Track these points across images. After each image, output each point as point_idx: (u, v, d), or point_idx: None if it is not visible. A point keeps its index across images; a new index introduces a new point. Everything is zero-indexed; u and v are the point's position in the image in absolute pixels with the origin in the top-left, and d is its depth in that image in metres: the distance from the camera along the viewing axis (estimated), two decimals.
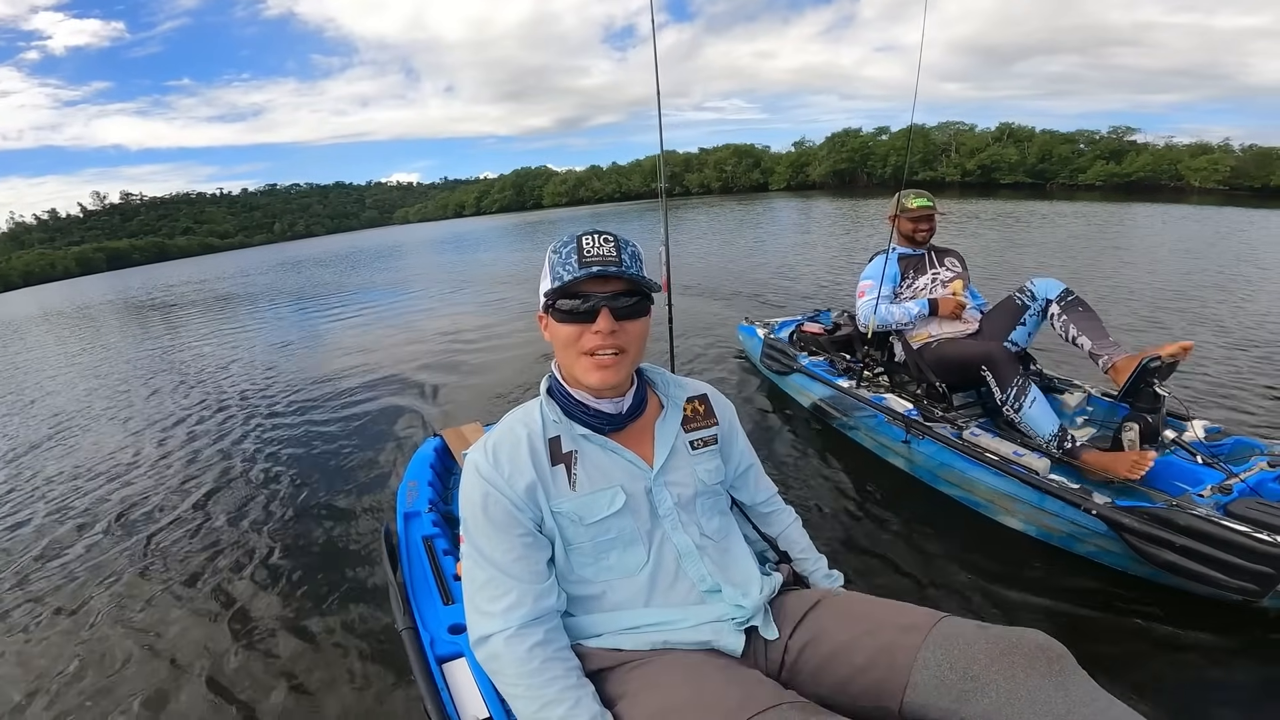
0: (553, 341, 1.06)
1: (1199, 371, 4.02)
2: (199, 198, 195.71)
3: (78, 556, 2.93)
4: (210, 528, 3.08)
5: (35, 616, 2.47)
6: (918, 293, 2.93)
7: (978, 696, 0.84)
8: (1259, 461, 2.13)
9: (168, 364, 7.97)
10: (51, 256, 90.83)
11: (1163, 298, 6.44)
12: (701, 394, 1.22)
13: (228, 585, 2.55)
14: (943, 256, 3.03)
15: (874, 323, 2.89)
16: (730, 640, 1.03)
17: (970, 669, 0.87)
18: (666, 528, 1.08)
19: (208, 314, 13.46)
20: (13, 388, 7.90)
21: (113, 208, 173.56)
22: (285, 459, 3.89)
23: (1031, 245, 11.59)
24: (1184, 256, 9.51)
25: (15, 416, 6.18)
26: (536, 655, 0.95)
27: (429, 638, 1.40)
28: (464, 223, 79.29)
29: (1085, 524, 2.01)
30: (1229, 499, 1.91)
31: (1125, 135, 50.25)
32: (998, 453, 2.29)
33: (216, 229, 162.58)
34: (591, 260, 0.98)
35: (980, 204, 25.16)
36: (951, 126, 59.99)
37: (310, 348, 7.90)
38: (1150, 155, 44.76)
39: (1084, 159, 48.61)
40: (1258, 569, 1.64)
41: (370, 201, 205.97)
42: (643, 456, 1.09)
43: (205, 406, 5.45)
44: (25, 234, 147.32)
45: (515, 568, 0.99)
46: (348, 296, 13.32)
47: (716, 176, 77.70)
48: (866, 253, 3.76)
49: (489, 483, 1.01)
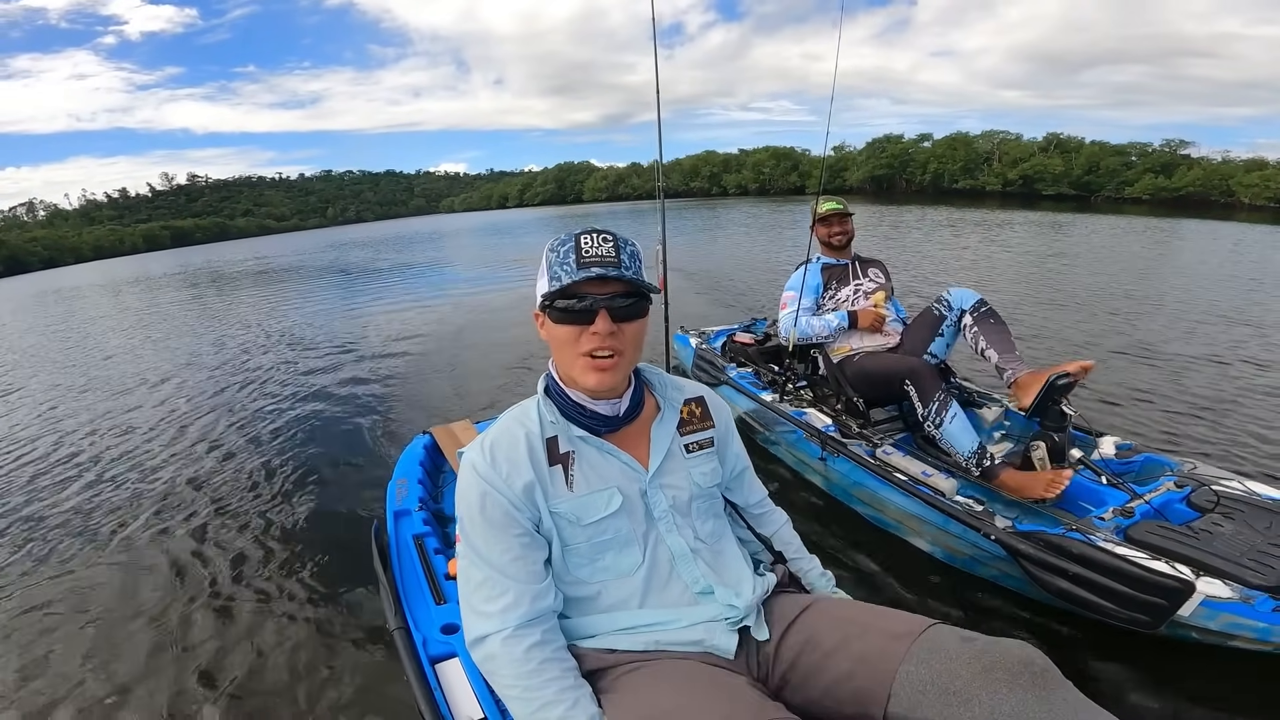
0: (549, 341, 1.04)
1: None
2: (259, 181, 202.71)
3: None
4: (191, 529, 3.00)
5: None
6: (839, 304, 2.88)
7: (959, 711, 0.83)
8: (1166, 481, 2.09)
9: (205, 342, 8.31)
10: (121, 233, 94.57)
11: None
12: (699, 396, 1.21)
13: (212, 584, 2.51)
14: (866, 267, 2.98)
15: (795, 335, 2.85)
16: (723, 640, 1.02)
17: (952, 685, 0.86)
18: (661, 530, 1.07)
19: (267, 288, 13.93)
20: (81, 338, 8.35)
21: (179, 188, 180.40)
22: (275, 447, 3.94)
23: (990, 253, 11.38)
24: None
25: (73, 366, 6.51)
26: (534, 656, 0.94)
27: (421, 638, 1.38)
28: (506, 214, 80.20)
29: (986, 548, 1.99)
30: (1130, 522, 1.88)
31: (1179, 148, 48.04)
32: (907, 472, 2.27)
33: (274, 211, 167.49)
34: (590, 260, 0.97)
35: (1003, 213, 24.49)
36: (996, 135, 58.23)
37: (327, 330, 8.16)
38: (1201, 170, 42.66)
39: (1132, 172, 46.61)
40: (1150, 600, 1.62)
41: (419, 190, 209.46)
42: (638, 459, 1.08)
43: (205, 395, 5.62)
44: (96, 211, 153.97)
45: (512, 568, 0.98)
46: (384, 279, 13.72)
47: (754, 178, 76.88)
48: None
49: (487, 482, 1.00)
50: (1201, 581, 1.59)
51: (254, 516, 3.08)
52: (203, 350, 7.71)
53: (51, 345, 9.81)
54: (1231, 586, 1.58)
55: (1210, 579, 1.60)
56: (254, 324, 9.49)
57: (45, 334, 11.37)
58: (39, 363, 8.26)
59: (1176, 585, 1.57)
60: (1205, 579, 1.60)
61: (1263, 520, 1.84)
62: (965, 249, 12.94)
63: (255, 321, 9.76)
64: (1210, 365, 4.69)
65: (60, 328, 11.98)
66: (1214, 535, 1.77)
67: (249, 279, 18.75)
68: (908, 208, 29.73)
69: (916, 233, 16.94)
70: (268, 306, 11.51)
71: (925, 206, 29.34)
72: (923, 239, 15.36)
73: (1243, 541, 1.74)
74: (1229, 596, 1.56)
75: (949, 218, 22.67)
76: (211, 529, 2.99)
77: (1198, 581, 1.58)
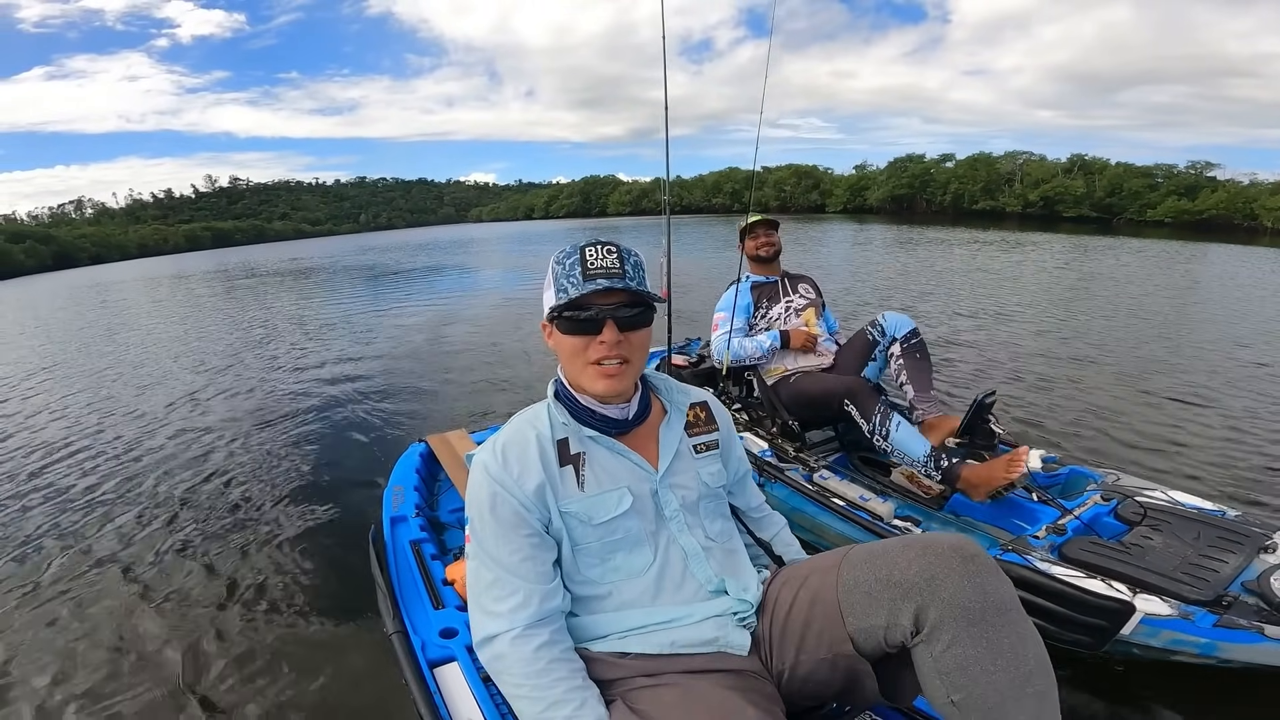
0: (557, 351, 1.05)
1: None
2: (296, 185, 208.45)
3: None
4: (183, 534, 2.94)
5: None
6: (771, 322, 2.78)
7: (908, 602, 0.85)
8: (1092, 495, 2.05)
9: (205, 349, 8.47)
10: (165, 232, 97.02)
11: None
12: (702, 400, 1.21)
13: (207, 591, 2.44)
14: (796, 283, 2.88)
15: (728, 358, 2.74)
16: (736, 637, 1.01)
17: (892, 575, 0.88)
18: (673, 529, 1.06)
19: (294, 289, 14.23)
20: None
21: (221, 190, 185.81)
22: (272, 451, 3.91)
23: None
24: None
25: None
26: (543, 656, 0.93)
27: (420, 642, 1.37)
28: (533, 224, 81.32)
29: None
30: (1063, 540, 1.84)
31: (1205, 170, 47.00)
32: (845, 497, 2.20)
33: (309, 216, 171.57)
34: (595, 272, 0.97)
35: (1021, 234, 24.19)
36: (1019, 155, 57.53)
37: (341, 333, 8.33)
38: (1226, 192, 41.62)
39: (1155, 194, 45.68)
40: (1091, 621, 1.58)
41: (448, 199, 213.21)
42: (648, 459, 1.08)
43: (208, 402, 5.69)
44: (141, 210, 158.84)
45: (522, 568, 0.98)
46: (403, 285, 13.92)
47: (775, 195, 76.77)
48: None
49: (498, 483, 1.00)
50: (1140, 600, 1.54)
51: (248, 522, 3.02)
52: (216, 350, 7.91)
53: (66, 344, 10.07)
54: (1169, 603, 1.53)
55: (1148, 596, 1.55)
56: (270, 324, 9.73)
57: (51, 336, 11.67)
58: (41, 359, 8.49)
59: (1117, 606, 1.53)
60: (1143, 596, 1.55)
61: (1190, 531, 1.81)
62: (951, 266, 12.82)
63: (271, 321, 10.01)
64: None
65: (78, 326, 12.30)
66: (1145, 549, 1.74)
67: (283, 279, 19.18)
68: (930, 228, 29.46)
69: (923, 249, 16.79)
70: (293, 309, 11.79)
71: (947, 229, 28.97)
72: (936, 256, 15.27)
73: (1174, 554, 1.71)
74: (1169, 614, 1.51)
75: (947, 237, 22.37)
76: (204, 535, 2.92)
77: (1136, 600, 1.54)
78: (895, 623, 0.86)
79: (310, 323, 9.57)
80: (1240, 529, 1.82)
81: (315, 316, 10.23)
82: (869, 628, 0.90)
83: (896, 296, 9.16)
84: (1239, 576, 1.65)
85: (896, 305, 8.61)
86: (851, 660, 0.93)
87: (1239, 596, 1.57)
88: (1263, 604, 1.55)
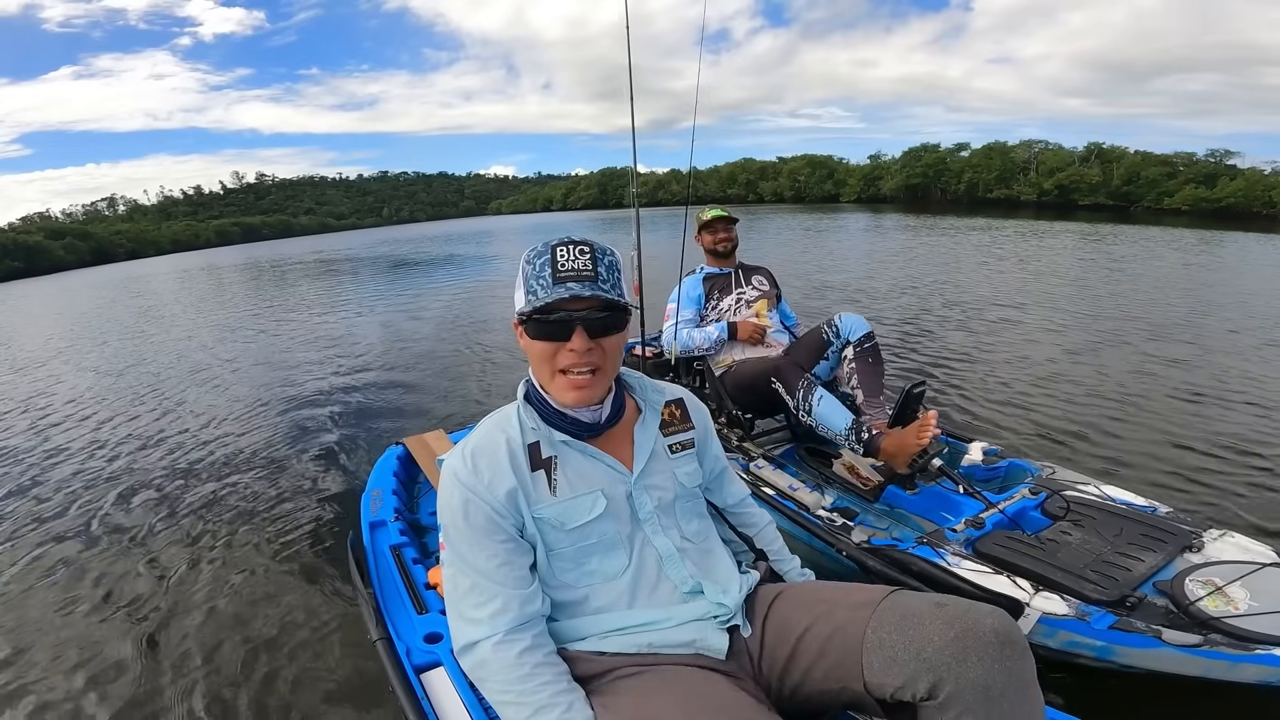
0: (527, 353, 1.00)
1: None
2: (320, 180, 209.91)
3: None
4: (155, 544, 2.85)
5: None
6: (722, 314, 2.77)
7: (933, 678, 0.82)
8: (1022, 488, 1.99)
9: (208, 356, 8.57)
10: (196, 228, 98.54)
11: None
12: (678, 398, 1.17)
13: (175, 604, 2.36)
14: (750, 275, 2.86)
15: (676, 348, 2.72)
16: (714, 640, 0.99)
17: (924, 651, 0.84)
18: (647, 532, 1.04)
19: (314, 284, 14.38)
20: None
21: (248, 186, 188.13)
22: (251, 458, 3.81)
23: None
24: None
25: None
26: (526, 661, 0.91)
27: (404, 647, 1.34)
28: (551, 216, 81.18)
29: (844, 563, 1.88)
30: (980, 533, 1.79)
31: (1224, 158, 45.49)
32: (775, 486, 2.17)
33: (334, 210, 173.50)
34: (566, 275, 0.93)
35: (1034, 223, 23.61)
36: (1035, 144, 56.14)
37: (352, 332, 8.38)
38: (1245, 180, 40.15)
39: (1173, 183, 44.26)
40: None
41: (469, 192, 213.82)
42: (622, 461, 1.05)
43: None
44: (172, 206, 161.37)
45: (499, 574, 0.95)
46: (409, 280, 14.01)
47: (789, 185, 75.89)
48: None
49: (469, 489, 0.97)
50: (1039, 598, 1.49)
51: (223, 528, 2.94)
52: (223, 346, 8.09)
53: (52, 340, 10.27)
54: (1069, 602, 1.48)
55: (1049, 594, 1.50)
56: (275, 322, 9.87)
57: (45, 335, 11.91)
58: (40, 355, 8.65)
59: (1009, 603, 1.48)
60: (1043, 594, 1.50)
61: (1112, 527, 1.75)
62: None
63: (277, 318, 10.18)
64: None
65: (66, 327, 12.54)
66: (1060, 545, 1.68)
67: (307, 272, 19.40)
68: (945, 218, 28.86)
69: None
70: (302, 304, 11.95)
71: (962, 218, 28.35)
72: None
73: (1089, 551, 1.65)
74: (1065, 613, 1.46)
75: (933, 225, 21.89)
76: (175, 546, 2.81)
77: (1034, 598, 1.49)
78: (911, 687, 0.84)
79: (311, 322, 9.68)
80: (1166, 526, 1.76)
81: (316, 317, 10.29)
82: (883, 684, 0.88)
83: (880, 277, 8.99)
84: (1153, 576, 1.59)
85: (884, 287, 8.51)
86: (859, 696, 0.92)
87: (1146, 597, 1.50)
88: (1171, 605, 1.49)
